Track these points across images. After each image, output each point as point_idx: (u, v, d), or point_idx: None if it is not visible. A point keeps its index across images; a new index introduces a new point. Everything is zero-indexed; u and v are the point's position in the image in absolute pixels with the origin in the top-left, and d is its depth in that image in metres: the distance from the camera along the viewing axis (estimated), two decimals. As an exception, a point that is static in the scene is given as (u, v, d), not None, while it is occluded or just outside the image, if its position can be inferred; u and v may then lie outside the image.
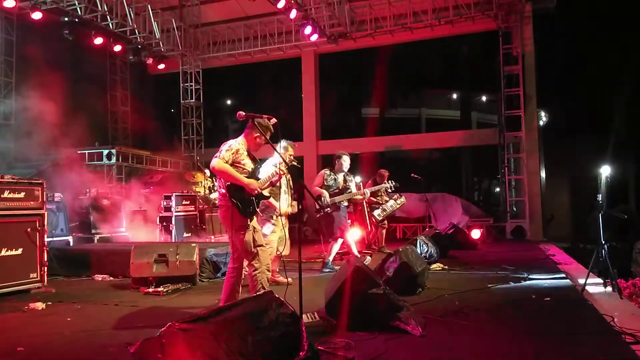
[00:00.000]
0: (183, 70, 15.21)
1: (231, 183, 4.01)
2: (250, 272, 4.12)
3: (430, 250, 6.95)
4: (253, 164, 4.19)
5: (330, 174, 6.99)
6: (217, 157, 3.98)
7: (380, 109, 20.48)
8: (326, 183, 6.90)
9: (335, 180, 6.98)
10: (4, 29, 11.88)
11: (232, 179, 3.98)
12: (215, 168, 3.96)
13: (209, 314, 2.61)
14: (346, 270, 3.99)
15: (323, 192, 6.71)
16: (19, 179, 5.62)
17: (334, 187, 6.92)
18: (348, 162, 7.12)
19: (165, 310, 4.80)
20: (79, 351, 3.50)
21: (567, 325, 3.89)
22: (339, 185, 7.00)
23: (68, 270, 6.98)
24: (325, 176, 6.94)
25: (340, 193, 6.93)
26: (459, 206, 12.68)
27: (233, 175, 3.99)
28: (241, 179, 4.01)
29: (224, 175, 3.98)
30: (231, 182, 4.00)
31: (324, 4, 12.60)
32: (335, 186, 6.95)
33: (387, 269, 5.17)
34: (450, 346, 3.44)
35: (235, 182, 3.99)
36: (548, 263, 7.51)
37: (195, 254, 6.10)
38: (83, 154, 12.07)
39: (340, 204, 6.89)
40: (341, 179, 7.04)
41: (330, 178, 6.95)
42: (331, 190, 6.85)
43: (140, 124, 15.37)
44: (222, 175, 3.99)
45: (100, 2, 11.07)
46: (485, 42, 13.52)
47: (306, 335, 2.71)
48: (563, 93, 16.22)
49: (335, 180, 6.98)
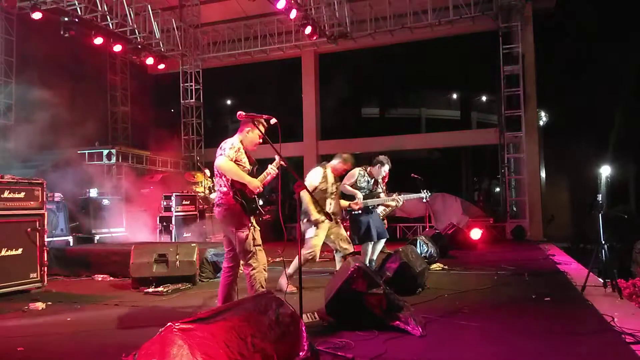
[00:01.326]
0: (183, 70, 15.21)
1: (234, 181, 4.01)
2: (248, 271, 4.10)
3: (430, 250, 6.96)
4: (249, 163, 4.18)
5: (365, 175, 6.47)
6: (223, 155, 3.97)
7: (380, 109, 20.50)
8: (358, 184, 6.34)
9: (368, 182, 6.48)
10: (4, 29, 11.87)
11: (237, 177, 3.98)
12: (222, 166, 3.95)
13: (209, 314, 2.61)
14: (346, 270, 3.99)
15: (357, 193, 6.15)
16: (19, 179, 5.61)
17: (365, 189, 6.42)
18: (386, 171, 6.64)
19: (165, 310, 4.80)
20: (78, 351, 3.50)
21: (567, 325, 3.89)
22: (370, 187, 6.53)
23: (68, 270, 6.98)
24: (359, 176, 6.33)
25: (370, 197, 6.45)
26: (459, 206, 12.68)
27: (239, 173, 3.98)
28: (246, 177, 4.02)
29: (229, 173, 3.97)
30: (236, 179, 3.99)
31: (324, 4, 12.61)
32: (367, 188, 6.47)
33: (387, 269, 5.18)
34: (450, 346, 3.44)
35: (241, 180, 3.99)
36: (548, 263, 7.52)
37: (195, 254, 6.11)
38: (83, 154, 12.07)
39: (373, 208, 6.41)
40: (372, 183, 6.58)
41: (364, 179, 6.43)
42: (362, 192, 6.34)
43: (140, 124, 15.38)
44: (228, 173, 3.97)
45: (100, 2, 11.07)
46: (485, 42, 13.51)
47: (306, 335, 2.71)
48: (563, 93, 16.23)
49: (368, 183, 6.47)
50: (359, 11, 13.90)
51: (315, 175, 5.59)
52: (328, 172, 5.70)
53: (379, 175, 6.61)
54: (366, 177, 6.54)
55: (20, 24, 11.76)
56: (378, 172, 6.59)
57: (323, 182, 5.59)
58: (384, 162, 6.59)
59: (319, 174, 5.61)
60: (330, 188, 5.68)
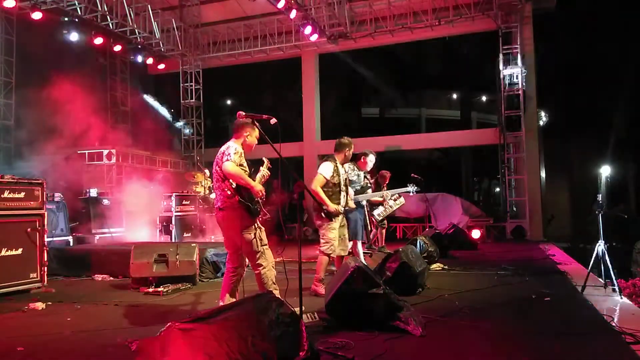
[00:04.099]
0: (183, 70, 15.21)
1: (239, 185, 4.06)
2: (258, 271, 4.16)
3: (430, 250, 6.95)
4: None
5: (354, 169, 6.54)
6: (229, 160, 4.01)
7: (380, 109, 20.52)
8: (350, 178, 6.36)
9: (358, 176, 6.53)
10: (4, 29, 11.87)
11: (243, 182, 4.04)
12: (230, 171, 3.99)
13: (209, 314, 2.61)
14: (346, 270, 3.99)
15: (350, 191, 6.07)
16: (19, 179, 5.61)
17: (356, 184, 6.46)
18: (373, 162, 6.76)
19: (165, 310, 4.80)
20: (78, 351, 3.50)
21: (567, 325, 3.89)
22: (361, 182, 6.56)
23: (68, 270, 6.98)
24: (349, 170, 6.37)
25: (361, 192, 6.51)
26: (459, 206, 12.67)
27: (245, 178, 4.05)
28: (251, 181, 4.09)
29: (236, 178, 4.02)
30: (241, 184, 4.04)
31: (324, 4, 12.60)
32: (358, 183, 6.51)
33: (387, 269, 5.17)
34: (450, 346, 3.44)
35: (246, 184, 4.04)
36: (548, 263, 7.52)
37: (195, 254, 6.10)
38: (83, 154, 12.06)
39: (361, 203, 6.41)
40: (362, 177, 6.65)
41: (354, 173, 6.50)
42: (353, 187, 6.36)
43: (140, 124, 15.37)
44: (234, 177, 4.02)
45: (100, 2, 11.07)
46: (485, 42, 13.51)
47: (306, 335, 2.71)
48: (563, 93, 16.23)
49: (358, 177, 6.53)
50: (359, 11, 13.90)
51: (327, 170, 5.36)
52: (339, 165, 5.51)
53: (369, 167, 6.73)
54: (356, 171, 6.59)
55: (20, 24, 11.75)
56: (366, 164, 6.68)
57: (335, 176, 5.39)
58: (367, 152, 6.73)
59: (330, 168, 5.38)
60: (342, 181, 5.47)
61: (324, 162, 5.48)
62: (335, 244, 5.30)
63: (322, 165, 5.43)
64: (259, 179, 4.28)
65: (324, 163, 5.46)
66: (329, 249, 5.27)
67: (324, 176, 5.30)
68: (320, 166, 5.45)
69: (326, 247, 5.27)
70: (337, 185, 5.39)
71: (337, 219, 5.34)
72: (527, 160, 12.68)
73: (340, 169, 5.51)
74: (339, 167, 5.49)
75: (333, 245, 5.28)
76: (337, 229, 5.34)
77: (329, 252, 5.27)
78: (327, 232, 5.29)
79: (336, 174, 5.40)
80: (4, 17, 11.71)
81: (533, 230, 12.35)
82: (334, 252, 5.30)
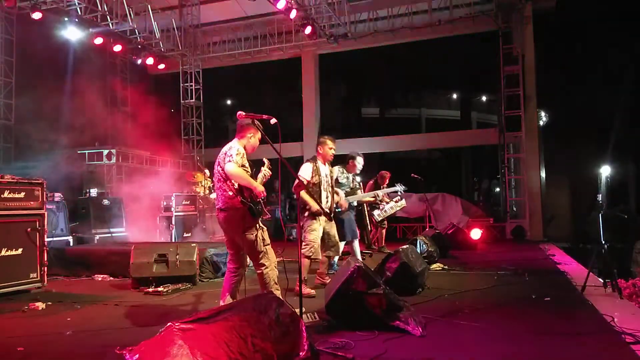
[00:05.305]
0: (183, 70, 15.20)
1: (241, 185, 4.06)
2: (261, 271, 4.17)
3: (430, 250, 6.95)
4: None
5: (343, 172, 6.70)
6: (232, 161, 4.01)
7: (380, 109, 20.51)
8: (339, 181, 6.54)
9: (347, 178, 6.68)
10: (4, 29, 11.87)
11: (246, 183, 4.04)
12: (232, 172, 4.00)
13: (209, 314, 2.61)
14: (346, 270, 3.99)
15: (339, 191, 6.24)
16: (19, 179, 5.61)
17: (346, 186, 6.60)
18: (361, 164, 6.88)
19: (165, 310, 4.80)
20: (79, 351, 3.50)
21: (567, 325, 3.89)
22: (350, 184, 6.70)
23: (68, 270, 6.98)
24: (338, 173, 6.57)
25: (351, 193, 6.65)
26: (459, 206, 12.68)
27: (247, 179, 4.06)
28: (253, 182, 4.09)
29: (238, 179, 4.03)
30: (244, 185, 4.04)
31: (324, 4, 12.60)
32: (348, 185, 6.65)
33: (387, 269, 5.17)
34: (450, 346, 3.44)
35: (249, 185, 4.05)
36: (548, 263, 7.52)
37: (195, 254, 6.11)
38: (83, 154, 12.06)
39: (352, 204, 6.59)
40: (351, 179, 6.79)
41: (343, 176, 6.65)
42: (343, 189, 6.49)
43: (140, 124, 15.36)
44: (236, 178, 4.03)
45: (100, 2, 11.06)
46: (485, 42, 13.51)
47: (306, 335, 2.71)
48: (563, 93, 16.22)
49: (347, 179, 6.68)
50: (359, 11, 13.90)
51: (306, 171, 5.43)
52: (319, 164, 5.52)
53: (358, 170, 6.83)
54: (345, 174, 6.69)
55: (20, 24, 11.76)
56: (354, 167, 6.78)
57: (315, 176, 5.41)
58: (355, 155, 6.86)
59: (309, 169, 5.44)
60: (323, 180, 5.48)
61: (304, 163, 5.56)
62: (315, 245, 5.30)
63: (302, 168, 5.50)
64: (260, 179, 4.28)
65: (304, 165, 5.54)
66: (309, 251, 5.25)
67: (305, 178, 5.34)
68: (300, 170, 5.49)
69: (306, 249, 5.25)
70: (317, 185, 5.40)
71: (319, 219, 5.35)
72: (527, 160, 12.68)
73: (322, 169, 5.52)
74: (320, 167, 5.50)
75: (313, 247, 5.27)
76: (318, 229, 5.35)
77: (308, 254, 5.25)
78: (307, 234, 5.32)
79: (315, 174, 5.41)
80: (4, 17, 11.72)
81: (533, 230, 12.34)
82: (314, 254, 5.28)
